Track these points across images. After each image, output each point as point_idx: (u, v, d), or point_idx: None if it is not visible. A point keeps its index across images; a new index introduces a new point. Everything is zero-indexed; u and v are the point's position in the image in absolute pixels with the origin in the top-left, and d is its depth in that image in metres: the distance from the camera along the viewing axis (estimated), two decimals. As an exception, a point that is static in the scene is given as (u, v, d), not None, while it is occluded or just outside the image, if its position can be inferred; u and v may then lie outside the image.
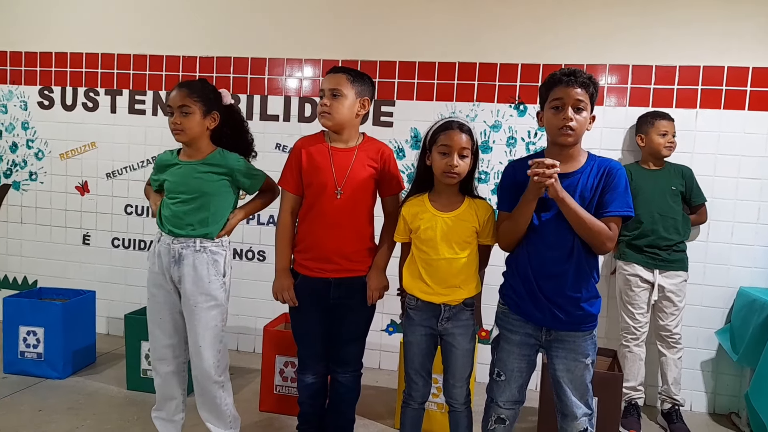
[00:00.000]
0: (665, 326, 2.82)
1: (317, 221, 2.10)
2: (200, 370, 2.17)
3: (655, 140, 2.82)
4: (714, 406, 3.06)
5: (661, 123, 2.82)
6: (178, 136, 2.14)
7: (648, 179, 2.84)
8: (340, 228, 2.09)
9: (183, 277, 2.13)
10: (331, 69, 2.13)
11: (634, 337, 2.82)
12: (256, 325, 3.38)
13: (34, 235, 3.79)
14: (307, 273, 2.13)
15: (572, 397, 1.85)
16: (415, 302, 1.99)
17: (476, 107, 3.22)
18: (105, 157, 3.66)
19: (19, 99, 3.75)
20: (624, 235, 2.85)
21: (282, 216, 2.18)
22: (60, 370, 3.00)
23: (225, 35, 3.47)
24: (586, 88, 1.76)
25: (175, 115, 2.12)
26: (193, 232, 2.14)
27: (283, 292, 2.15)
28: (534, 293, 1.82)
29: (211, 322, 2.15)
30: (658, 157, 2.85)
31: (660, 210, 2.79)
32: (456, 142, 1.88)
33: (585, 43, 3.07)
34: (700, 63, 2.97)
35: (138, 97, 3.60)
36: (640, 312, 2.82)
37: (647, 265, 2.81)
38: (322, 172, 2.08)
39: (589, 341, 1.85)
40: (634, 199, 2.74)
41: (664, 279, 2.81)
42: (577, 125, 1.76)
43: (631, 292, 2.83)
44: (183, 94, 2.12)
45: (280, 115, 3.45)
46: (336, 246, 2.09)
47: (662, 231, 2.79)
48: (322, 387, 2.25)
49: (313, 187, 2.10)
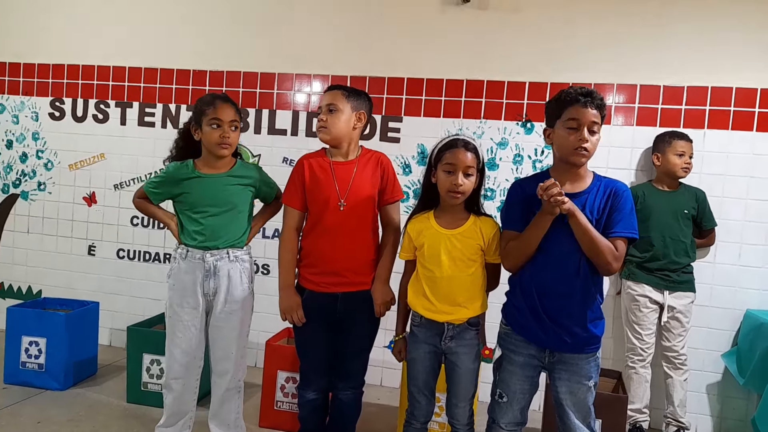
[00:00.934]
0: (672, 347, 2.79)
1: (322, 235, 2.11)
2: (227, 376, 2.24)
3: (672, 160, 2.79)
4: (720, 431, 3.00)
5: (678, 143, 2.80)
6: (225, 149, 2.18)
7: (661, 200, 2.81)
8: (344, 240, 2.09)
9: (219, 288, 2.19)
10: (328, 87, 2.18)
11: (641, 358, 2.79)
12: (259, 339, 3.36)
13: (40, 245, 3.80)
14: (314, 288, 2.13)
15: (575, 420, 1.82)
16: (419, 319, 1.98)
17: (483, 124, 3.22)
18: (113, 168, 3.68)
19: (31, 110, 3.79)
20: (633, 256, 2.84)
21: (286, 232, 2.18)
22: (61, 381, 2.99)
23: (235, 50, 3.50)
24: (600, 110, 1.77)
25: (225, 129, 2.16)
26: (224, 244, 2.19)
27: (292, 313, 2.13)
28: (538, 314, 1.80)
29: (243, 328, 2.26)
30: (673, 177, 2.82)
31: (671, 234, 2.77)
32: (461, 160, 1.88)
33: (593, 62, 3.08)
34: (708, 84, 2.97)
35: (148, 109, 3.63)
36: (648, 333, 2.79)
37: (657, 286, 2.79)
38: (324, 186, 2.11)
39: (592, 363, 1.83)
40: (646, 220, 2.76)
41: (673, 299, 2.79)
42: (591, 146, 1.77)
43: (640, 313, 2.80)
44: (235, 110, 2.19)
45: (288, 130, 3.47)
46: (342, 259, 2.10)
47: (673, 255, 2.77)
48: (323, 404, 2.24)
49: (317, 201, 2.12)
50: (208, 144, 2.17)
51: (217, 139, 2.14)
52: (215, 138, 2.14)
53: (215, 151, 2.17)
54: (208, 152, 2.20)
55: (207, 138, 2.16)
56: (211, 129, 2.14)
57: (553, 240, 1.79)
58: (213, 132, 2.14)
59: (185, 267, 2.19)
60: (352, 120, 2.11)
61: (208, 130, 2.15)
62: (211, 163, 2.21)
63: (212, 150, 2.17)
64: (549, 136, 1.86)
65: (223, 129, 2.15)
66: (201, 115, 2.16)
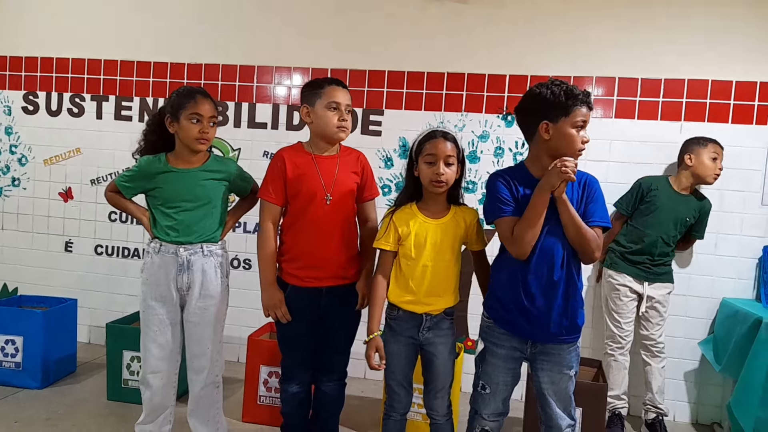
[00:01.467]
0: (650, 336, 2.84)
1: (307, 229, 2.09)
2: (204, 372, 2.21)
3: (706, 162, 2.77)
4: (697, 416, 3.07)
5: (714, 146, 2.78)
6: (203, 145, 2.14)
7: (671, 202, 2.81)
8: (330, 234, 2.09)
9: (192, 282, 2.16)
10: (338, 82, 2.11)
11: (620, 345, 2.84)
12: (240, 334, 3.34)
13: (16, 242, 3.73)
14: (297, 282, 2.11)
15: (557, 409, 1.85)
16: (397, 312, 1.99)
17: (464, 117, 3.23)
18: (90, 163, 3.62)
19: (3, 104, 3.70)
20: (618, 246, 2.88)
21: (266, 227, 2.12)
22: (39, 379, 2.94)
23: (214, 42, 3.45)
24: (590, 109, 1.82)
25: (204, 125, 2.12)
26: (199, 239, 2.17)
27: (276, 309, 2.10)
28: (522, 306, 1.81)
29: (218, 323, 2.23)
30: (701, 181, 2.81)
31: (666, 236, 2.81)
32: (441, 150, 1.89)
33: (572, 55, 3.10)
34: (685, 76, 3.01)
35: (125, 103, 3.57)
36: (627, 321, 2.84)
37: (638, 276, 2.83)
38: (309, 180, 2.08)
39: (573, 353, 1.85)
40: (648, 214, 2.79)
41: (652, 289, 2.84)
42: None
43: (620, 302, 2.84)
44: (213, 105, 2.16)
45: (268, 123, 3.44)
46: (328, 253, 2.09)
47: (659, 252, 2.82)
48: (306, 397, 2.23)
49: (301, 195, 2.09)
50: (185, 138, 2.13)
51: (196, 134, 2.11)
52: (194, 133, 2.11)
53: (193, 145, 2.13)
54: (184, 146, 2.16)
55: (185, 132, 2.12)
56: (190, 123, 2.11)
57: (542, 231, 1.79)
58: (192, 127, 2.11)
59: (159, 261, 2.16)
60: None
61: (186, 125, 2.11)
62: (185, 158, 2.18)
63: (189, 144, 2.13)
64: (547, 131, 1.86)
65: (202, 124, 2.11)
66: (179, 109, 2.11)
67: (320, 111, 2.06)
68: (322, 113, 2.06)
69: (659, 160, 3.03)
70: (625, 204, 2.91)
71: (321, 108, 2.06)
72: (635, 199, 2.87)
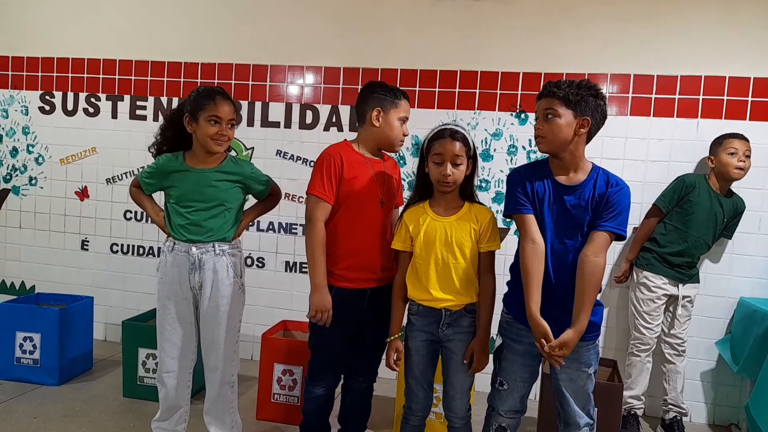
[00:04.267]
0: (677, 334, 2.81)
1: (365, 231, 2.09)
2: (218, 372, 2.21)
3: (723, 159, 2.71)
4: (714, 417, 3.04)
5: (730, 141, 2.72)
6: (220, 146, 2.14)
7: (711, 202, 2.76)
8: (383, 237, 2.11)
9: (204, 282, 2.16)
10: (408, 98, 2.16)
11: (647, 347, 2.81)
12: (255, 332, 3.36)
13: (33, 240, 3.77)
14: (345, 285, 2.08)
15: (575, 407, 1.84)
16: (417, 307, 1.98)
17: (477, 115, 3.22)
18: (105, 162, 3.65)
19: (20, 104, 3.75)
20: (659, 245, 2.80)
21: (319, 227, 2.05)
22: (56, 376, 2.97)
23: (227, 42, 3.47)
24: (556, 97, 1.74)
25: (223, 126, 2.12)
26: (211, 238, 2.17)
27: (325, 313, 2.04)
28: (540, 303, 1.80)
29: (231, 323, 2.21)
30: (727, 179, 2.76)
31: (705, 236, 2.77)
32: (448, 150, 1.87)
33: (586, 53, 3.07)
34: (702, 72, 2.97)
35: (139, 102, 3.60)
36: (657, 324, 2.81)
37: (675, 278, 2.79)
38: (365, 181, 2.08)
39: (592, 351, 1.84)
40: (690, 214, 2.73)
41: (685, 290, 2.81)
42: (548, 133, 1.76)
43: (653, 304, 2.79)
44: (233, 107, 2.16)
45: (281, 122, 3.45)
46: (381, 255, 2.11)
47: (696, 254, 2.79)
48: (329, 400, 2.24)
49: (354, 196, 2.06)
50: (203, 139, 2.13)
51: (214, 135, 2.11)
52: (212, 134, 2.11)
53: (210, 147, 2.13)
54: (201, 147, 2.16)
55: (203, 133, 2.12)
56: (208, 125, 2.10)
57: (553, 232, 1.80)
58: (210, 128, 2.10)
59: (172, 260, 2.17)
60: None
61: (204, 126, 2.11)
62: (201, 158, 2.18)
63: (207, 145, 2.13)
64: None
65: (221, 126, 2.11)
66: (198, 109, 2.11)
67: (393, 121, 2.10)
68: (394, 123, 2.10)
69: (675, 158, 3.00)
70: (667, 200, 2.81)
71: (394, 118, 2.10)
72: (677, 197, 2.79)
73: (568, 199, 1.79)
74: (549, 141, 1.78)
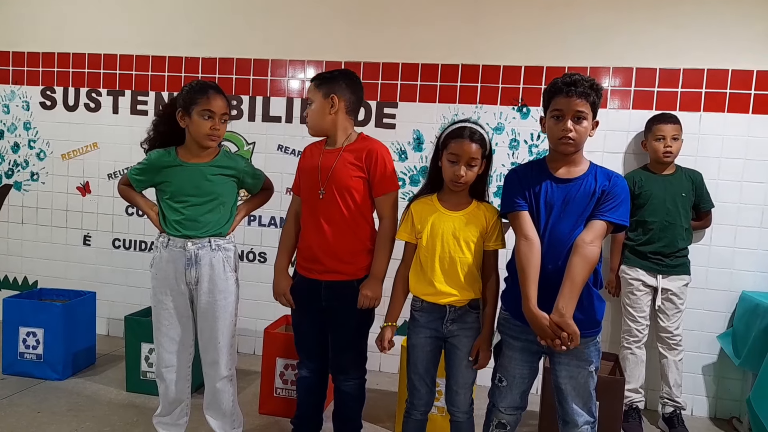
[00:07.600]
0: (666, 328, 2.82)
1: (307, 221, 2.17)
2: (215, 366, 2.22)
3: (651, 146, 2.81)
4: (715, 411, 3.04)
5: (658, 127, 2.79)
6: (213, 141, 2.15)
7: (659, 184, 2.81)
8: (323, 228, 2.10)
9: (201, 277, 2.16)
10: None
11: (636, 339, 2.82)
12: (257, 327, 3.37)
13: (35, 236, 3.78)
14: (303, 273, 2.19)
15: (573, 405, 1.83)
16: (421, 303, 1.98)
17: (479, 109, 3.21)
18: (107, 157, 3.65)
19: (21, 99, 3.74)
20: (629, 240, 2.85)
21: (286, 217, 2.28)
22: (60, 371, 2.99)
23: (228, 36, 3.46)
24: (586, 98, 1.74)
25: (216, 121, 2.12)
26: (206, 233, 2.17)
27: (281, 295, 2.22)
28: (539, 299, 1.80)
29: (228, 318, 2.22)
30: (659, 162, 2.82)
31: (670, 218, 2.77)
32: (465, 152, 1.87)
33: (588, 46, 3.06)
34: (705, 66, 2.96)
35: (140, 97, 3.59)
36: (642, 315, 2.82)
37: (650, 270, 2.81)
38: (310, 173, 2.15)
39: (592, 347, 1.84)
40: (644, 204, 2.76)
41: (667, 282, 2.81)
42: (577, 135, 1.76)
43: (633, 296, 2.82)
44: (226, 102, 2.16)
45: (282, 117, 3.44)
46: (322, 246, 2.10)
47: (669, 239, 2.78)
48: (316, 385, 2.27)
49: (304, 188, 2.18)
50: (195, 134, 2.12)
51: (207, 130, 2.11)
52: (205, 129, 2.10)
53: (203, 141, 2.13)
54: (194, 141, 2.15)
55: (196, 128, 2.11)
56: (201, 119, 2.10)
57: (552, 227, 1.79)
58: (203, 123, 2.10)
59: (167, 256, 2.16)
60: (326, 107, 2.09)
61: (198, 120, 2.10)
62: (195, 152, 2.17)
63: (199, 140, 2.13)
64: (544, 125, 1.86)
65: (214, 121, 2.11)
66: (191, 104, 2.10)
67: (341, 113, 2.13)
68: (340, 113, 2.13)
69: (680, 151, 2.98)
70: None
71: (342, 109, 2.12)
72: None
73: (567, 191, 1.79)
74: (577, 143, 1.78)
